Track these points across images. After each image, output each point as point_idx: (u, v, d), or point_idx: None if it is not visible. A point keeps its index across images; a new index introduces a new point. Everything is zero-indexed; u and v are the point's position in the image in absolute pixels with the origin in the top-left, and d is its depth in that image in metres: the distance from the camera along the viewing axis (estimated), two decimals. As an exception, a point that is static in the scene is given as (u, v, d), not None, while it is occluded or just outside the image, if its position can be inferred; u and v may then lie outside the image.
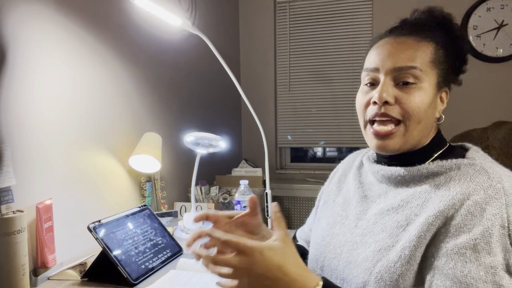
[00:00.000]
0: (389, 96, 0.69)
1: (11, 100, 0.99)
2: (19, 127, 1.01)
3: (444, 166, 0.68)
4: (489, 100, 2.32)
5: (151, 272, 1.04)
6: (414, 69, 0.69)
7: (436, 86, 0.72)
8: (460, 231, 0.60)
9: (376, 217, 0.73)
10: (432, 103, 0.71)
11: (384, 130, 0.71)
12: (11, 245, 0.88)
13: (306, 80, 2.65)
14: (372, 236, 0.71)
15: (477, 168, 0.65)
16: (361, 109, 0.76)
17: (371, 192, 0.79)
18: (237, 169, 2.31)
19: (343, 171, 0.92)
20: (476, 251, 0.58)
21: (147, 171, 1.49)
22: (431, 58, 0.70)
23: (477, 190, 0.62)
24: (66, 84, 1.17)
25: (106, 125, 1.35)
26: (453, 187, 0.65)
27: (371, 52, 0.76)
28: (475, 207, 0.60)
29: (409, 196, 0.70)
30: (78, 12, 1.21)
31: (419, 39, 0.71)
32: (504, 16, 2.26)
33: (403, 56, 0.70)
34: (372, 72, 0.73)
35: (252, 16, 2.72)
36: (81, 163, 1.23)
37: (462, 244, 0.59)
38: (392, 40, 0.73)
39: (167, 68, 1.78)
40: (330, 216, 0.84)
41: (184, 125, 1.91)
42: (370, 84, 0.74)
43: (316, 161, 2.89)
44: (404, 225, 0.67)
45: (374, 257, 0.67)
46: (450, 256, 0.60)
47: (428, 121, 0.72)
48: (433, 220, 0.62)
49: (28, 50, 1.03)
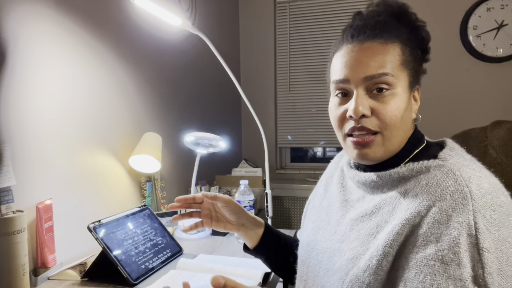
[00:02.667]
0: (365, 109, 0.66)
1: (11, 100, 0.99)
2: (19, 127, 1.01)
3: (414, 170, 0.65)
4: (489, 100, 2.32)
5: (151, 272, 1.04)
6: (386, 76, 0.66)
7: (409, 87, 0.69)
8: (427, 240, 0.58)
9: (352, 223, 0.71)
10: (407, 106, 0.69)
11: (363, 137, 0.68)
12: (11, 245, 0.88)
13: (306, 80, 2.65)
14: (347, 244, 0.69)
15: (445, 170, 0.62)
16: (336, 123, 0.72)
17: (351, 196, 0.77)
18: (237, 169, 2.31)
19: (330, 173, 0.90)
20: (445, 263, 0.55)
21: (147, 171, 1.49)
22: (400, 60, 0.68)
23: (443, 196, 0.59)
24: (66, 84, 1.17)
25: (106, 125, 1.35)
26: (420, 193, 0.62)
27: (336, 61, 0.72)
28: (441, 214, 0.58)
29: (381, 202, 0.68)
30: (78, 12, 1.21)
31: (384, 41, 0.68)
32: (504, 16, 2.26)
33: (372, 63, 0.67)
34: (342, 83, 0.70)
35: (252, 16, 2.72)
36: (81, 163, 1.23)
37: (431, 256, 0.57)
38: (358, 47, 0.69)
39: (167, 68, 1.78)
40: (316, 221, 0.83)
41: (184, 125, 1.91)
42: (342, 94, 0.71)
43: (316, 161, 2.89)
44: (375, 233, 0.65)
45: (347, 265, 0.66)
46: (419, 268, 0.57)
47: (406, 126, 0.70)
48: (399, 228, 0.60)
49: (28, 50, 1.03)
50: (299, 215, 2.56)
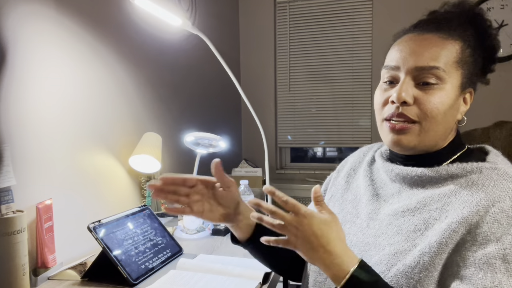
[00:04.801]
0: (408, 96, 0.66)
1: (11, 100, 0.98)
2: (19, 127, 1.01)
3: (465, 169, 0.66)
4: (489, 100, 2.32)
5: (151, 272, 1.04)
6: (436, 70, 0.65)
7: (460, 87, 0.68)
8: (487, 239, 0.58)
9: (389, 218, 0.70)
10: (453, 105, 0.68)
11: (400, 124, 0.68)
12: (11, 245, 0.88)
13: (306, 80, 2.65)
14: (386, 238, 0.68)
15: (500, 172, 0.63)
16: (378, 107, 0.73)
17: (383, 191, 0.76)
18: (237, 169, 2.31)
19: (353, 165, 0.88)
20: (506, 262, 0.56)
21: (147, 171, 1.49)
22: (456, 58, 0.67)
23: (503, 197, 0.60)
24: (66, 84, 1.17)
25: (106, 125, 1.35)
26: (476, 192, 0.62)
27: (393, 48, 0.72)
28: (501, 214, 0.59)
29: (427, 199, 0.67)
30: (78, 12, 1.21)
31: (445, 36, 0.68)
32: (504, 16, 2.26)
33: (426, 54, 0.66)
34: (392, 70, 0.70)
35: (252, 16, 2.72)
36: (81, 163, 1.23)
37: (491, 254, 0.57)
38: (416, 37, 0.69)
39: (167, 68, 1.78)
40: (340, 213, 0.81)
41: (184, 125, 1.91)
42: (390, 82, 0.71)
43: (316, 161, 2.89)
44: (422, 229, 0.64)
45: (389, 260, 0.65)
46: (478, 266, 0.58)
47: (447, 124, 0.69)
48: (456, 226, 0.60)
49: (28, 50, 1.03)
50: (299, 215, 2.56)
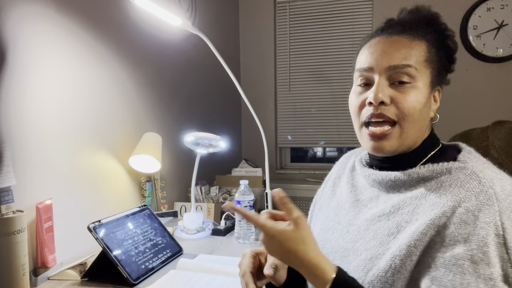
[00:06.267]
0: (385, 96, 0.68)
1: (11, 100, 0.99)
2: (19, 127, 1.01)
3: (435, 171, 0.66)
4: (489, 100, 2.32)
5: (151, 272, 1.04)
6: (409, 68, 0.68)
7: (430, 85, 0.71)
8: (455, 240, 0.59)
9: (367, 223, 0.71)
10: (426, 102, 0.70)
11: (380, 130, 0.69)
12: (11, 245, 0.88)
13: (306, 80, 2.65)
14: (363, 243, 0.69)
15: (467, 172, 0.63)
16: (355, 111, 0.74)
17: (363, 196, 0.77)
18: (237, 169, 2.31)
19: (337, 173, 0.90)
20: (474, 262, 0.57)
21: (147, 171, 1.49)
22: (424, 57, 0.70)
23: (468, 197, 0.60)
24: (66, 84, 1.17)
25: (106, 125, 1.35)
26: (443, 194, 0.63)
27: (362, 51, 0.74)
28: (467, 215, 0.59)
29: (400, 202, 0.68)
30: (78, 12, 1.21)
31: (412, 37, 0.70)
32: (504, 16, 2.26)
33: (397, 54, 0.69)
34: (366, 72, 0.71)
35: (252, 16, 2.71)
36: (81, 163, 1.23)
37: (460, 255, 0.58)
38: (385, 39, 0.72)
39: (167, 68, 1.78)
40: (324, 221, 0.83)
41: (184, 125, 1.91)
42: (364, 84, 0.72)
43: (316, 161, 2.89)
44: (395, 233, 0.65)
45: (365, 266, 0.66)
46: (448, 268, 0.58)
47: (423, 122, 0.71)
48: (424, 228, 0.61)
49: (28, 50, 1.03)
50: (299, 215, 2.56)
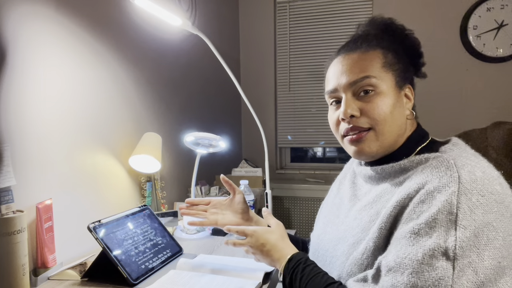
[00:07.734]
0: (354, 110, 0.74)
1: (11, 100, 0.99)
2: (19, 127, 1.01)
3: (414, 161, 0.70)
4: (489, 100, 2.32)
5: (151, 272, 1.04)
6: (367, 78, 0.73)
7: (396, 86, 0.75)
8: (410, 218, 0.63)
9: (356, 213, 0.77)
10: (396, 103, 0.74)
11: (357, 135, 0.75)
12: (11, 245, 0.88)
13: (306, 80, 2.65)
14: (350, 231, 0.75)
15: (441, 159, 0.66)
16: (333, 127, 0.81)
17: (359, 191, 0.83)
18: (237, 169, 2.31)
19: (344, 173, 0.97)
20: (419, 235, 0.60)
21: (147, 171, 1.49)
22: (381, 63, 0.74)
23: (433, 180, 0.63)
24: (66, 84, 1.17)
25: (106, 125, 1.35)
26: (414, 179, 0.67)
27: (327, 74, 0.82)
28: (426, 195, 0.62)
29: (382, 191, 0.74)
30: (78, 12, 1.21)
31: (365, 50, 0.76)
32: (504, 16, 2.26)
33: (354, 70, 0.74)
34: (333, 93, 0.78)
35: (252, 16, 2.72)
36: (81, 163, 1.23)
37: (409, 229, 0.61)
38: (342, 59, 0.78)
39: (167, 68, 1.78)
40: (327, 216, 0.91)
41: (184, 125, 1.91)
42: (336, 102, 0.79)
43: (316, 161, 2.90)
44: (375, 219, 0.70)
45: (348, 251, 0.72)
46: (398, 241, 0.63)
47: (399, 121, 0.74)
48: (391, 210, 0.66)
49: (28, 50, 1.03)
50: (299, 215, 2.57)
